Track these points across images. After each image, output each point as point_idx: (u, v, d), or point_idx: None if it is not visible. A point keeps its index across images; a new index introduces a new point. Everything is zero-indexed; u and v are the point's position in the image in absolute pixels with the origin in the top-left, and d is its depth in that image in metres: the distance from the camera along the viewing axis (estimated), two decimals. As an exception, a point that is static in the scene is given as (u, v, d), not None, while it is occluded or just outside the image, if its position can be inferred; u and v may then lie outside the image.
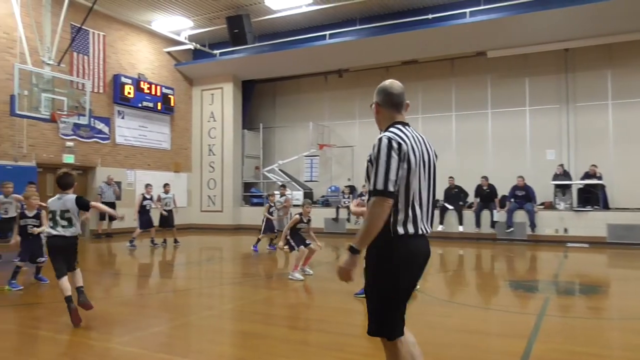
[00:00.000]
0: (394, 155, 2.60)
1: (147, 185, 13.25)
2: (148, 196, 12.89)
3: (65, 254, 5.49)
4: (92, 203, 5.84)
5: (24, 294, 7.11)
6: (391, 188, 2.56)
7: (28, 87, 12.04)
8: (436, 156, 2.91)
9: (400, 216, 2.66)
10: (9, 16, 13.10)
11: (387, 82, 2.91)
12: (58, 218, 5.45)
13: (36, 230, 7.33)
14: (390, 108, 2.87)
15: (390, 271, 2.67)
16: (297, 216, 8.47)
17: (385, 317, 2.72)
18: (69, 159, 14.78)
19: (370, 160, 2.69)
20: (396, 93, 2.86)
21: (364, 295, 6.49)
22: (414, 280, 2.81)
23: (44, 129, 14.11)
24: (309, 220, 8.57)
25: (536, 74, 15.99)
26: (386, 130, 2.78)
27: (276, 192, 13.35)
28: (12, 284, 7.23)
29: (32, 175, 12.84)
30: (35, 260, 7.49)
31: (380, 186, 2.56)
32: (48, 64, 12.54)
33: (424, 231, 2.76)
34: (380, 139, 2.66)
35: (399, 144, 2.63)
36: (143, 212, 12.69)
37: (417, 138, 2.78)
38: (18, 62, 12.71)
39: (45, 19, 12.62)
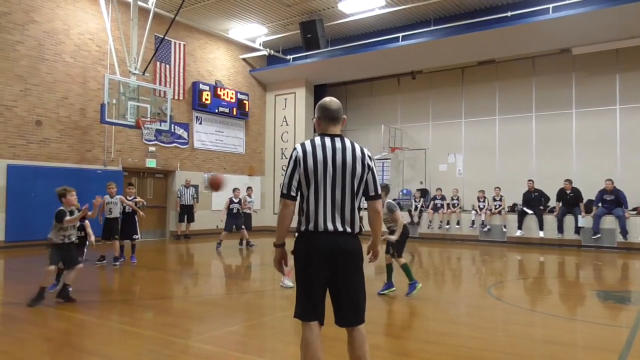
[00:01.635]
0: (291, 163, 3.08)
1: (235, 189, 13.36)
2: (236, 200, 13.18)
3: None
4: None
5: (112, 291, 7.56)
6: (285, 190, 3.07)
7: (116, 95, 12.88)
8: (368, 166, 3.13)
9: (303, 216, 3.08)
10: (102, 31, 14.08)
11: (327, 99, 3.25)
12: None
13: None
14: (326, 121, 3.21)
15: (298, 263, 3.11)
16: None
17: (296, 300, 3.12)
18: (151, 163, 15.60)
19: None
20: (332, 109, 3.20)
21: (385, 293, 6.63)
22: (321, 273, 3.03)
23: (130, 135, 15.00)
24: None
25: (629, 69, 14.86)
26: None
27: None
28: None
29: (119, 179, 13.63)
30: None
31: (280, 189, 3.12)
32: (134, 74, 13.38)
33: (330, 228, 3.02)
34: None
35: (297, 153, 3.08)
36: (230, 215, 13.05)
37: (330, 147, 3.08)
38: (108, 72, 13.64)
39: (133, 32, 13.47)
